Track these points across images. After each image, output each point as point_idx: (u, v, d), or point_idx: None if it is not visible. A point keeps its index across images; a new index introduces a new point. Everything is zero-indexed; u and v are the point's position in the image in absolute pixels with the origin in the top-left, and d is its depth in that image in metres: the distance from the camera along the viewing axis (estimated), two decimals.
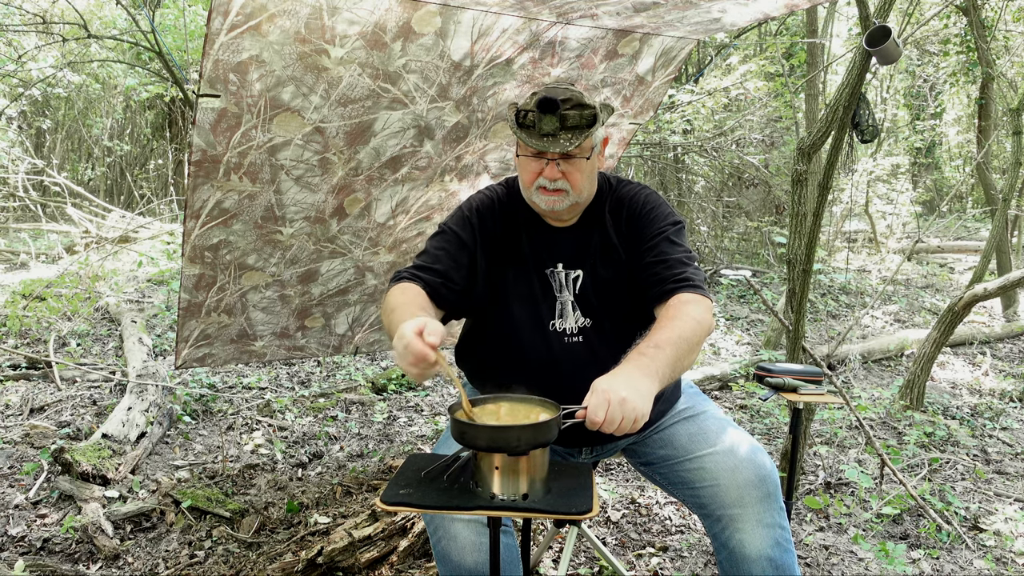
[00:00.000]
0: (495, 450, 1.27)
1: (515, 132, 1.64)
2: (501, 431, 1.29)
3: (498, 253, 1.76)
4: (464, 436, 1.28)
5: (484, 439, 1.27)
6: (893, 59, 2.51)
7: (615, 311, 1.72)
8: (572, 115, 1.60)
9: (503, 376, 1.68)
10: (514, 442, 1.24)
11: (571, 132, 1.60)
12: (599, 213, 1.77)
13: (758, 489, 1.60)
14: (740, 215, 8.08)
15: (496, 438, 1.26)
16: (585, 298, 1.72)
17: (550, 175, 1.64)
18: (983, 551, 2.70)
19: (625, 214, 1.75)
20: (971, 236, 10.80)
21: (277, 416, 3.90)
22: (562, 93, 1.62)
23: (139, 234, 7.91)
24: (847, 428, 3.87)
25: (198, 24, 7.94)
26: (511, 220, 1.78)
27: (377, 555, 2.41)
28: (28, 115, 10.89)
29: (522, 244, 1.75)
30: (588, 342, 1.70)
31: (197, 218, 2.39)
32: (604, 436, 1.78)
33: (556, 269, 1.74)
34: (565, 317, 1.71)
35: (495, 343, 1.76)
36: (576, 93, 1.63)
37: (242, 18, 1.89)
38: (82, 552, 2.56)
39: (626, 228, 1.74)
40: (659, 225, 1.71)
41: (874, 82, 11.50)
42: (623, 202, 1.77)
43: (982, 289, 3.86)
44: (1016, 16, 7.53)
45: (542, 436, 1.27)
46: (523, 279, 1.74)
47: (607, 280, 1.72)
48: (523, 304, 1.72)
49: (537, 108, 1.59)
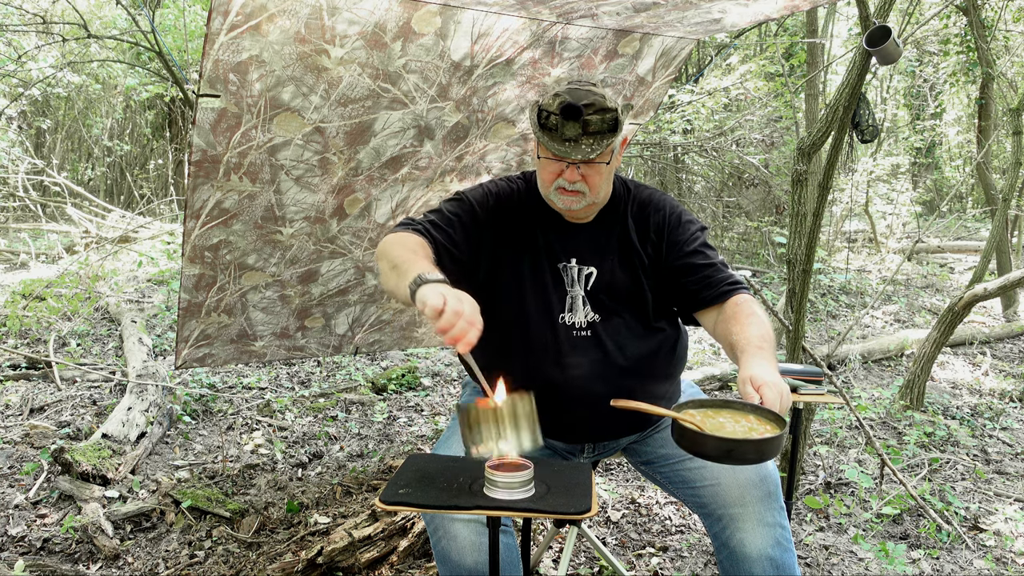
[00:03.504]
0: (728, 461, 1.32)
1: (536, 134, 1.64)
2: (736, 443, 1.31)
3: (513, 244, 1.76)
4: (695, 444, 1.32)
5: (715, 449, 1.30)
6: (893, 59, 2.51)
7: (625, 309, 1.73)
8: (594, 120, 1.58)
9: (509, 363, 1.69)
10: (751, 455, 1.30)
11: (592, 138, 1.59)
12: (618, 214, 1.78)
13: (759, 488, 1.60)
14: (740, 215, 8.08)
15: (731, 450, 1.29)
16: (596, 295, 1.73)
17: (570, 178, 1.65)
18: (983, 551, 2.70)
19: (652, 221, 1.77)
20: (971, 236, 10.80)
21: (277, 416, 3.90)
22: (585, 96, 1.60)
23: (139, 234, 7.91)
24: (847, 428, 3.87)
25: (198, 24, 7.94)
26: (529, 213, 1.78)
27: (377, 555, 2.41)
28: (28, 115, 10.88)
29: (537, 238, 1.76)
30: (596, 336, 1.71)
31: (197, 218, 2.39)
32: (606, 433, 1.80)
33: (570, 264, 1.75)
34: (575, 311, 1.72)
35: (504, 331, 1.75)
36: (598, 96, 1.61)
37: (242, 18, 1.89)
38: (82, 552, 2.56)
39: (655, 236, 1.76)
40: (692, 232, 1.77)
41: (874, 82, 11.50)
42: (647, 208, 1.79)
43: (982, 289, 3.86)
44: (1016, 16, 7.53)
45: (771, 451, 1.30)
46: (536, 271, 1.74)
47: (621, 279, 1.74)
48: (535, 295, 1.73)
49: (560, 114, 1.58)
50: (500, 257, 1.75)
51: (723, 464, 1.42)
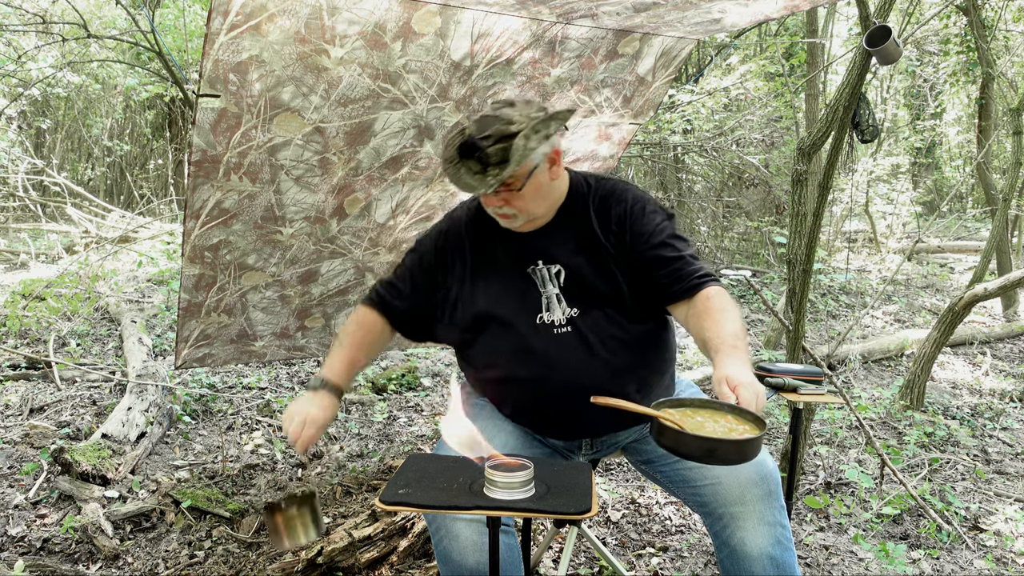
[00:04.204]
0: (710, 461, 1.32)
1: (444, 170, 1.65)
2: (717, 443, 1.29)
3: (480, 265, 1.79)
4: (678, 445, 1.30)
5: (698, 450, 1.29)
6: (893, 59, 2.51)
7: (603, 302, 1.73)
8: (495, 151, 1.56)
9: (501, 371, 1.72)
10: (732, 456, 1.29)
11: (498, 167, 1.57)
12: (579, 209, 1.78)
13: (759, 487, 1.60)
14: (740, 215, 8.07)
15: (712, 449, 1.28)
16: (570, 290, 1.73)
17: (493, 205, 1.69)
18: (983, 551, 2.70)
19: (614, 212, 1.76)
20: (971, 236, 10.80)
21: (277, 416, 3.90)
22: (489, 125, 1.58)
23: (139, 234, 7.91)
24: (847, 428, 3.87)
25: (198, 24, 7.94)
26: (485, 232, 1.81)
27: (377, 555, 2.41)
28: (28, 115, 10.88)
29: (498, 251, 1.78)
30: (577, 330, 1.72)
31: (197, 218, 2.39)
32: (601, 428, 1.80)
33: (537, 266, 1.75)
34: (552, 310, 1.72)
35: (489, 347, 1.78)
36: (502, 124, 1.58)
37: (242, 18, 1.89)
38: (82, 552, 2.56)
39: (616, 227, 1.75)
40: (658, 222, 1.74)
41: (874, 82, 11.50)
42: (609, 200, 1.78)
43: (982, 289, 3.86)
44: (1016, 16, 7.53)
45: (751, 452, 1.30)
46: (507, 281, 1.76)
47: (592, 272, 1.73)
48: (511, 304, 1.74)
49: (458, 154, 1.60)
50: (473, 281, 1.78)
51: (704, 464, 1.42)
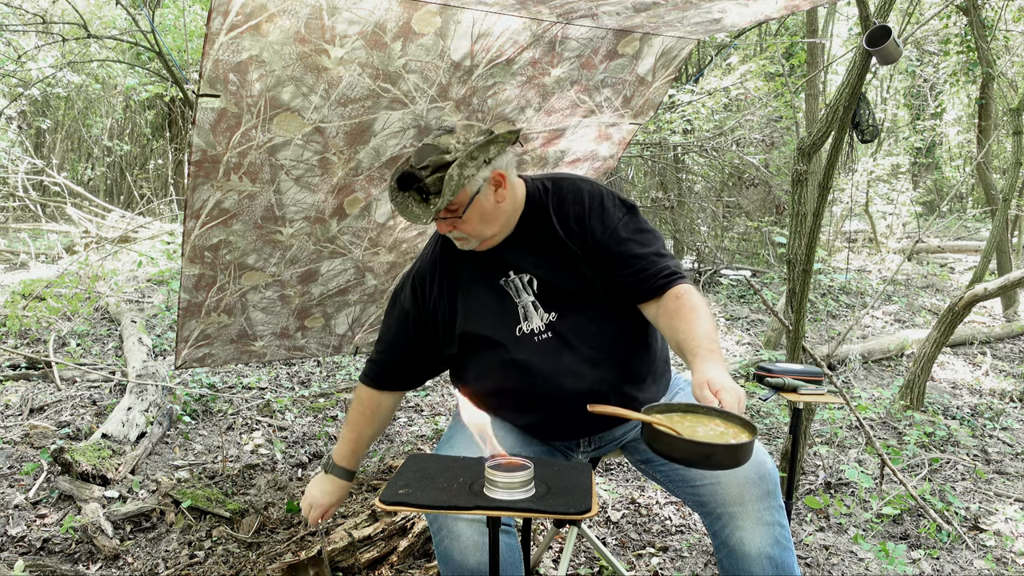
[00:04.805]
0: (697, 466, 1.31)
1: (391, 200, 1.69)
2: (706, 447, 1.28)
3: (455, 294, 1.81)
4: (672, 449, 1.29)
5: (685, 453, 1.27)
6: (893, 59, 2.50)
7: (580, 303, 1.73)
8: (432, 181, 1.61)
9: (494, 386, 1.75)
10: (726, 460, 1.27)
11: (438, 196, 1.61)
12: (540, 215, 1.78)
13: (758, 487, 1.60)
14: (740, 215, 8.07)
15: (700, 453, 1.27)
16: (545, 296, 1.74)
17: (443, 231, 1.72)
18: (983, 551, 2.70)
19: (572, 212, 1.75)
20: (971, 236, 10.81)
21: (277, 416, 3.90)
22: (426, 155, 1.63)
23: (139, 234, 7.91)
24: (847, 428, 3.87)
25: (198, 24, 7.94)
26: (450, 259, 1.82)
27: (377, 555, 2.41)
28: (28, 115, 10.89)
29: (470, 272, 1.80)
30: (557, 335, 1.72)
31: (197, 218, 2.39)
32: (597, 426, 1.80)
33: (509, 278, 1.76)
34: (530, 318, 1.73)
35: (475, 364, 1.80)
36: (438, 154, 1.63)
37: (242, 18, 1.89)
38: (82, 552, 2.56)
39: (576, 226, 1.74)
40: (619, 217, 1.74)
41: (874, 82, 11.50)
42: (566, 201, 1.78)
43: (982, 289, 3.86)
44: (1016, 16, 7.53)
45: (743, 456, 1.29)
46: (482, 299, 1.77)
47: (563, 275, 1.74)
48: (490, 320, 1.75)
49: (396, 185, 1.65)
50: (451, 305, 1.80)
51: (699, 469, 1.40)
